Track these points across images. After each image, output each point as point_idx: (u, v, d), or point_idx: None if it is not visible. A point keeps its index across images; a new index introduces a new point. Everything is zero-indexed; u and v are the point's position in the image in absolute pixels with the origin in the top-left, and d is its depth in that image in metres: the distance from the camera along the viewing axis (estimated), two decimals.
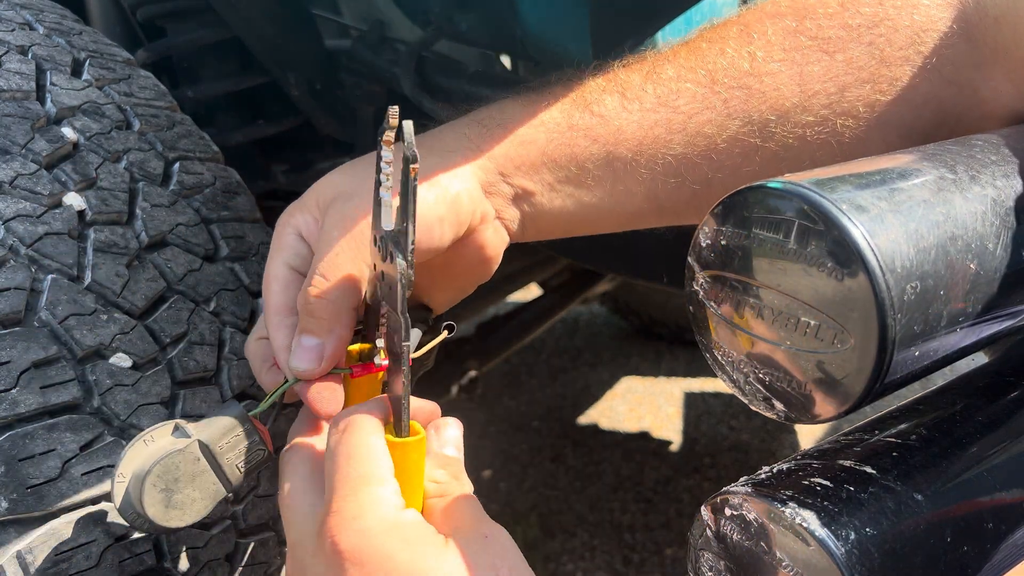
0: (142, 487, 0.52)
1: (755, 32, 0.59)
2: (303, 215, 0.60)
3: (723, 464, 1.92)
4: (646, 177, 0.60)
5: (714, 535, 0.47)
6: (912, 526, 0.43)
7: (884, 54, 0.56)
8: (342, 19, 1.13)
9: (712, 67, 0.59)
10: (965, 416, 0.52)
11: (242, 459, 0.56)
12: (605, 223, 0.65)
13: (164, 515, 0.53)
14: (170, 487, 0.53)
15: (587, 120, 0.60)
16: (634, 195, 0.61)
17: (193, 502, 0.54)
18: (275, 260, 0.59)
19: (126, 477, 0.52)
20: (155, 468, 0.52)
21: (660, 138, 0.59)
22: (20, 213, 0.59)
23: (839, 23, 0.57)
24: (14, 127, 0.62)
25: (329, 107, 1.04)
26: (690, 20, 1.08)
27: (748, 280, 0.44)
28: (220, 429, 0.55)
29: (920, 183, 0.44)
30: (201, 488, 0.54)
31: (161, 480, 0.52)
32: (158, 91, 0.76)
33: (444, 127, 0.63)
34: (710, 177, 0.60)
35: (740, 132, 0.58)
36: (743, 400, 0.47)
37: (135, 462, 0.53)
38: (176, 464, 0.53)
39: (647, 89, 0.60)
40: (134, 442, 0.53)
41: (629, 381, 2.31)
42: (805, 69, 0.57)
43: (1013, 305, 0.46)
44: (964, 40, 0.56)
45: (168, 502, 0.53)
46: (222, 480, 0.55)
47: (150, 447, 0.53)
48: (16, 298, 0.56)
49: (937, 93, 0.57)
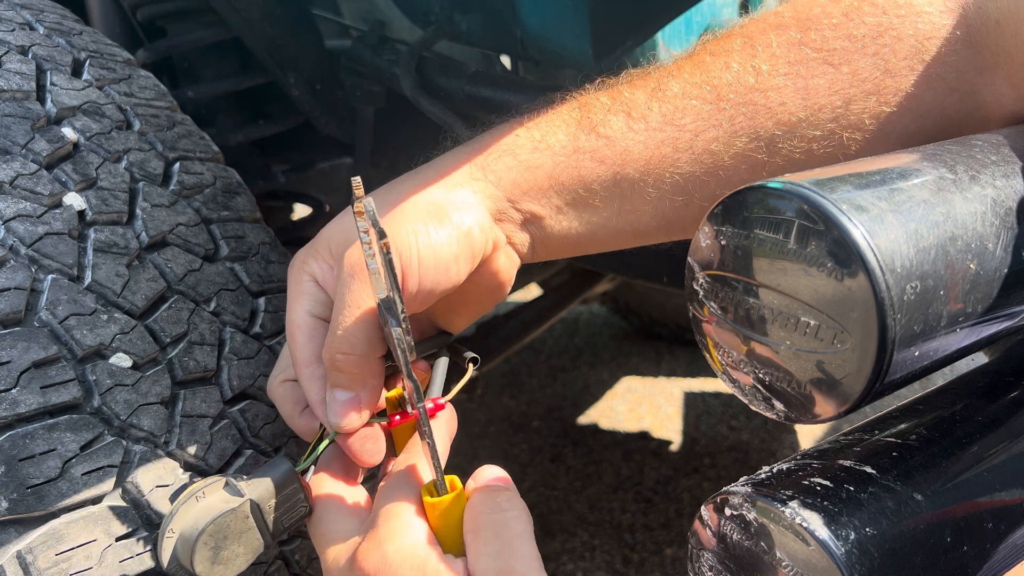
0: (194, 545, 0.52)
1: (759, 44, 0.58)
2: (317, 263, 0.60)
3: (723, 464, 1.92)
4: (653, 196, 0.60)
5: (714, 535, 0.47)
6: (912, 526, 0.43)
7: (888, 64, 0.56)
8: (342, 19, 1.13)
9: (717, 83, 0.58)
10: (965, 416, 0.52)
11: (287, 516, 0.56)
12: (614, 242, 0.65)
13: (210, 571, 0.53)
14: (219, 544, 0.53)
15: (593, 142, 0.60)
16: (642, 214, 0.61)
17: (236, 557, 0.54)
18: (296, 309, 0.59)
19: (176, 533, 0.53)
20: (208, 527, 0.52)
21: (667, 157, 0.59)
22: (20, 213, 0.59)
23: (843, 34, 0.56)
24: (14, 127, 0.62)
25: (329, 107, 1.04)
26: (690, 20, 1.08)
27: (748, 280, 0.44)
28: (270, 489, 0.55)
29: (920, 183, 0.44)
30: (246, 544, 0.55)
31: (212, 539, 0.53)
32: (158, 91, 0.76)
33: (446, 156, 0.63)
34: (718, 194, 0.59)
35: (747, 148, 0.58)
36: (743, 400, 0.47)
37: (186, 519, 0.53)
38: (227, 523, 0.53)
39: (652, 108, 0.59)
40: (185, 498, 0.54)
41: (629, 381, 2.31)
42: (810, 83, 0.56)
43: (1013, 305, 0.46)
44: (966, 46, 0.55)
45: (215, 558, 0.53)
46: (265, 536, 0.56)
47: (201, 504, 0.54)
48: (16, 298, 0.56)
49: (940, 102, 0.57)
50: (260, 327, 0.70)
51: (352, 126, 1.08)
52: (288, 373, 0.62)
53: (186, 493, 0.54)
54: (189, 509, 0.53)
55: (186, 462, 0.61)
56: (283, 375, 0.62)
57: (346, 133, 1.08)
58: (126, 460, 0.58)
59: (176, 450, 0.61)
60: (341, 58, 1.02)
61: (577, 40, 0.83)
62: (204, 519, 0.53)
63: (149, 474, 0.59)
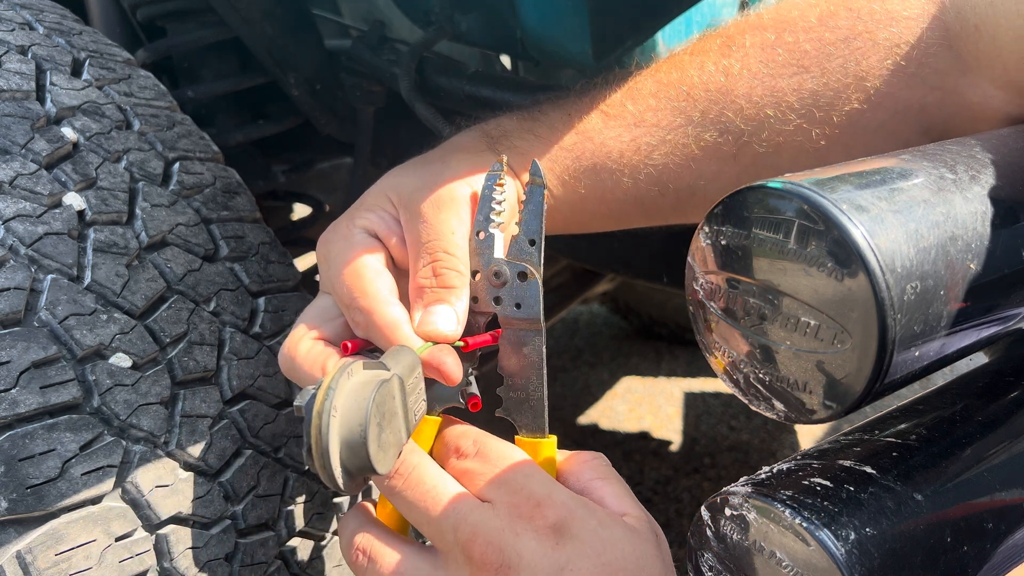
0: (367, 418, 0.44)
1: (735, 45, 0.63)
2: (373, 214, 0.64)
3: (723, 464, 1.92)
4: (630, 186, 0.66)
5: (714, 535, 0.47)
6: (912, 526, 0.43)
7: (860, 67, 0.58)
8: (342, 19, 1.13)
9: (689, 82, 0.64)
10: (965, 416, 0.52)
11: (418, 405, 0.52)
12: (596, 224, 0.72)
13: (378, 454, 0.46)
14: (381, 424, 0.46)
15: (573, 139, 0.66)
16: (622, 201, 0.67)
17: (389, 447, 0.47)
18: (359, 260, 0.61)
19: (339, 412, 0.45)
20: (375, 397, 0.45)
21: (640, 150, 0.64)
22: (20, 213, 0.59)
23: (815, 37, 0.60)
24: (14, 127, 0.62)
25: (329, 107, 1.04)
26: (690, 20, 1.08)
27: (748, 280, 0.44)
28: (409, 364, 0.51)
29: (920, 183, 0.44)
30: (394, 432, 0.48)
31: (378, 412, 0.45)
32: (158, 91, 0.76)
33: (454, 138, 0.69)
34: (691, 184, 0.65)
35: (716, 142, 0.63)
36: (743, 400, 0.47)
37: (345, 395, 0.45)
38: (385, 398, 0.46)
39: (627, 106, 0.65)
40: (339, 374, 0.46)
41: (629, 381, 2.31)
42: (779, 83, 0.60)
43: (1013, 305, 0.46)
44: (945, 49, 0.57)
45: (380, 441, 0.46)
46: (409, 423, 0.50)
47: (355, 379, 0.47)
48: (16, 298, 0.56)
49: (919, 99, 0.58)
50: (260, 327, 0.69)
51: (352, 126, 1.08)
52: (314, 333, 0.62)
53: (336, 371, 0.46)
54: (345, 384, 0.46)
55: (186, 462, 0.61)
56: (312, 335, 0.62)
57: (346, 133, 1.08)
58: (126, 460, 0.58)
59: (176, 450, 0.61)
60: (341, 58, 1.02)
61: (577, 40, 0.83)
62: (367, 391, 0.45)
63: (149, 474, 0.59)
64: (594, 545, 0.51)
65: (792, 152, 0.61)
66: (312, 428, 0.44)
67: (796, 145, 0.61)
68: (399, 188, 0.64)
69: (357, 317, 0.60)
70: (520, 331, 0.60)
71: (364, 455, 0.45)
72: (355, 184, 1.08)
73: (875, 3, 0.59)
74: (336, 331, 0.63)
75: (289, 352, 0.61)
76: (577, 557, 0.51)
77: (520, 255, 0.60)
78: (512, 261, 0.60)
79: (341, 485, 0.45)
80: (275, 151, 1.21)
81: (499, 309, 0.61)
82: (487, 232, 0.61)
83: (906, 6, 0.58)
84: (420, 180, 0.63)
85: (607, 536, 0.52)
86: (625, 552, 0.52)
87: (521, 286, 0.60)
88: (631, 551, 0.52)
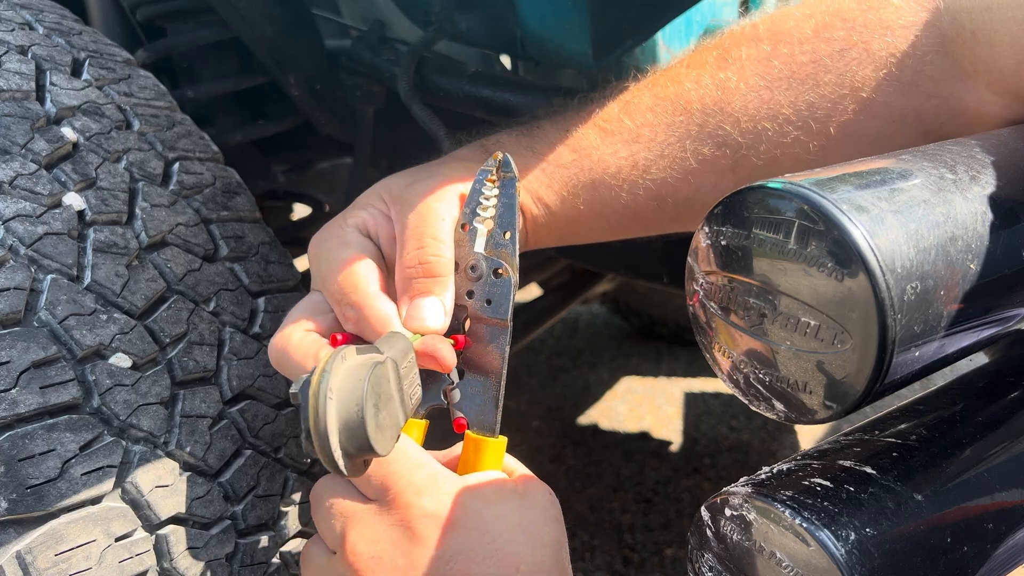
0: (363, 400, 0.45)
1: (731, 58, 0.63)
2: (365, 211, 0.65)
3: (723, 464, 1.92)
4: (628, 200, 0.66)
5: (714, 535, 0.47)
6: (912, 526, 0.43)
7: (856, 78, 0.59)
8: (342, 19, 1.13)
9: (686, 96, 0.64)
10: (965, 416, 0.52)
11: (413, 390, 0.53)
12: (595, 236, 0.73)
13: (376, 434, 0.46)
14: (377, 404, 0.47)
15: (570, 156, 0.67)
16: (621, 215, 0.68)
17: (387, 428, 0.47)
18: (348, 254, 0.62)
19: (335, 395, 0.45)
20: (371, 378, 0.46)
21: (638, 166, 0.65)
22: (20, 213, 0.59)
23: (811, 49, 0.60)
24: (14, 127, 0.62)
25: (329, 107, 1.04)
26: (690, 20, 1.08)
27: (748, 280, 0.44)
28: (401, 349, 0.52)
29: (920, 183, 0.44)
30: (391, 414, 0.49)
31: (374, 394, 0.46)
32: (158, 91, 0.76)
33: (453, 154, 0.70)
34: (690, 197, 0.66)
35: (713, 155, 0.63)
36: (743, 400, 0.47)
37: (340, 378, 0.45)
38: (379, 380, 0.47)
39: (624, 121, 0.66)
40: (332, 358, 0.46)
41: (629, 381, 2.31)
42: (775, 96, 0.61)
43: (1013, 306, 0.46)
44: (941, 56, 0.57)
45: (377, 421, 0.46)
46: (404, 406, 0.51)
47: (348, 362, 0.47)
48: (16, 298, 0.56)
49: (916, 107, 0.59)
50: (260, 327, 0.69)
51: (352, 126, 1.08)
52: (309, 324, 0.62)
53: (330, 356, 0.46)
54: (340, 367, 0.46)
55: (185, 462, 0.61)
56: (304, 327, 0.62)
57: (346, 133, 1.08)
58: (125, 460, 0.58)
59: (175, 450, 0.61)
60: (341, 58, 1.02)
61: (577, 40, 0.83)
62: (362, 372, 0.46)
63: (148, 474, 0.59)
64: (479, 527, 0.53)
65: (790, 164, 0.62)
66: (310, 411, 0.44)
67: (793, 157, 0.61)
68: (391, 187, 0.66)
69: (348, 312, 0.60)
70: (487, 327, 0.61)
71: (363, 435, 0.45)
72: (355, 184, 1.08)
73: (870, 13, 0.59)
74: (327, 325, 0.63)
75: (280, 343, 0.61)
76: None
77: (495, 247, 0.61)
78: (490, 257, 0.61)
79: (342, 467, 0.45)
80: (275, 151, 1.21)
81: (470, 303, 0.61)
82: (472, 225, 0.62)
83: (900, 15, 0.58)
84: (413, 178, 0.65)
85: (491, 515, 0.55)
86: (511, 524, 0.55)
87: (495, 283, 0.60)
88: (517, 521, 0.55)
